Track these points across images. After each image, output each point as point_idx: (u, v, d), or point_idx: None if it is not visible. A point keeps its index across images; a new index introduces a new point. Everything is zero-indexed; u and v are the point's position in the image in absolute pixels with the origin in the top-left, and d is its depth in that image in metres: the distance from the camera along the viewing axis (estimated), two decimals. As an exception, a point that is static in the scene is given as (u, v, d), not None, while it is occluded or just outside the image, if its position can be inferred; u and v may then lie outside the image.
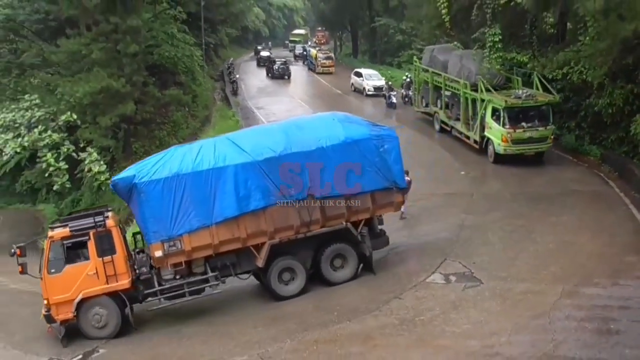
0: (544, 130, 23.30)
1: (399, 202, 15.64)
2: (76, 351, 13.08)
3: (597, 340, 11.22)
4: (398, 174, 15.16)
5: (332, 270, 15.01)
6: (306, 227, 14.49)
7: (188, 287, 14.19)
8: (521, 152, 23.43)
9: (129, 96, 33.39)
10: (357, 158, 14.57)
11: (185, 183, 13.66)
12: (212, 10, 56.87)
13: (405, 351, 11.65)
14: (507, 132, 23.15)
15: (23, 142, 29.60)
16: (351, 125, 15.11)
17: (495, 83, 25.70)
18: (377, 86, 42.17)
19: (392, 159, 15.00)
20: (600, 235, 16.62)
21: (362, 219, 15.06)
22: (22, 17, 36.55)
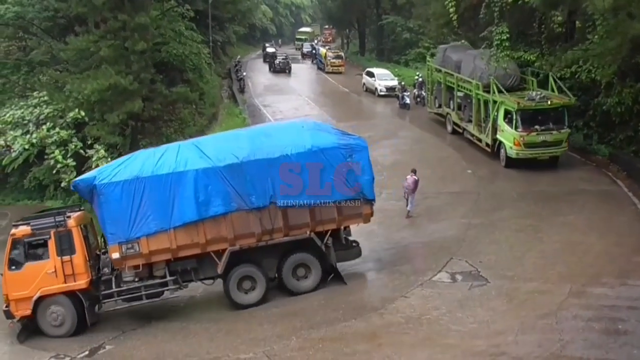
0: (559, 133, 22.39)
1: (367, 214, 15.05)
2: (83, 347, 13.11)
3: (604, 341, 11.13)
4: (366, 185, 14.73)
5: (295, 280, 14.72)
6: (269, 235, 14.30)
7: (145, 290, 14.17)
8: (534, 156, 22.66)
9: (136, 93, 33.41)
10: (325, 167, 14.31)
11: (145, 186, 13.68)
12: (219, 8, 56.79)
13: (411, 350, 11.60)
14: (519, 136, 22.27)
15: (31, 139, 29.71)
16: (319, 134, 14.85)
17: (509, 84, 24.92)
18: (390, 86, 41.03)
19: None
20: (608, 235, 16.50)
21: (329, 230, 14.72)
22: (31, 14, 36.61)
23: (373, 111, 38.82)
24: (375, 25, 64.21)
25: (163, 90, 36.72)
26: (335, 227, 14.78)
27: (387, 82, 41.96)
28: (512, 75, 25.25)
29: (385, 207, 21.21)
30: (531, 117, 22.49)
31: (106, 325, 14.39)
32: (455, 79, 28.39)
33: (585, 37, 24.53)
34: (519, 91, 24.62)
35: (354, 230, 19.21)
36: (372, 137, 30.81)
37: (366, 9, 64.78)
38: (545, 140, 22.34)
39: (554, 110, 22.57)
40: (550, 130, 22.35)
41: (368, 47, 68.33)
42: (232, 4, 57.96)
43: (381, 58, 61.72)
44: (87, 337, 13.66)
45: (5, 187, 40.03)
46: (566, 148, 22.86)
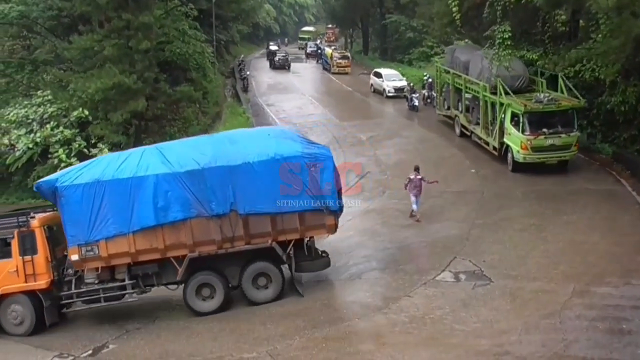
0: (568, 137, 21.70)
1: (330, 225, 14.61)
2: (87, 346, 13.11)
3: (608, 340, 11.09)
4: (329, 195, 14.37)
5: (255, 289, 14.50)
6: (229, 242, 14.15)
7: (104, 293, 14.18)
8: (542, 160, 22.01)
9: (140, 92, 33.48)
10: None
11: (105, 190, 13.69)
12: (223, 7, 56.84)
13: (414, 349, 11.58)
14: (526, 139, 21.63)
15: (35, 138, 29.79)
16: (284, 142, 14.66)
17: (518, 86, 24.35)
18: (398, 87, 40.27)
19: (323, 179, 14.31)
20: (612, 234, 16.45)
21: (292, 240, 14.50)
22: (35, 13, 36.71)
23: (380, 112, 38.36)
24: (378, 25, 64.15)
25: (167, 89, 36.82)
26: (298, 237, 14.52)
27: (395, 82, 41.22)
28: (521, 77, 24.71)
29: (389, 207, 21.26)
30: (539, 120, 21.85)
31: (110, 325, 14.39)
32: (463, 81, 27.85)
33: (588, 36, 24.47)
34: (527, 93, 23.99)
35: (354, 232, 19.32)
36: (375, 137, 30.85)
37: (370, 8, 64.70)
38: (553, 144, 21.73)
39: (563, 113, 21.98)
40: (558, 134, 21.74)
41: (371, 46, 68.29)
42: (236, 3, 57.98)
43: (384, 57, 61.69)
44: (90, 336, 13.67)
45: (9, 186, 40.06)
46: (575, 152, 22.19)
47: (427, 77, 38.09)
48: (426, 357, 11.30)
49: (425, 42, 54.94)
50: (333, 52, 57.10)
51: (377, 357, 11.40)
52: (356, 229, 19.68)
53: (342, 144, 29.73)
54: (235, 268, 14.49)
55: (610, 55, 21.10)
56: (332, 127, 33.81)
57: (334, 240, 18.93)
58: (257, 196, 14.00)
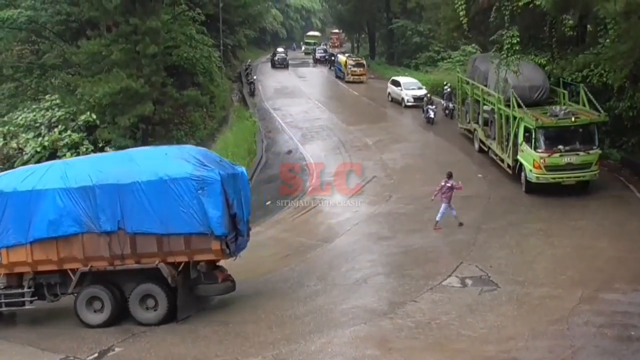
0: (587, 154, 19.82)
1: (216, 250, 14.09)
2: (93, 349, 13.10)
3: (617, 347, 11.00)
4: (215, 219, 13.91)
5: (142, 310, 14.31)
6: (119, 260, 14.17)
7: (5, 299, 14.50)
8: (558, 181, 20.01)
9: (147, 97, 33.63)
10: (172, 197, 13.91)
11: (7, 201, 14.08)
12: (230, 12, 57.09)
13: (420, 355, 11.52)
14: (539, 157, 19.82)
15: (43, 142, 29.90)
16: (176, 162, 14.36)
17: (536, 97, 22.74)
18: (418, 96, 37.83)
19: (210, 203, 13.92)
20: (620, 240, 16.35)
21: (181, 262, 14.32)
22: (44, 18, 36.97)
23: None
24: (385, 29, 64.25)
25: (174, 93, 36.98)
26: (186, 259, 14.38)
27: (414, 91, 39.00)
28: (540, 87, 23.13)
29: (395, 211, 21.21)
30: (554, 136, 20.14)
31: (116, 328, 14.36)
32: (480, 92, 26.20)
33: (596, 40, 24.40)
34: (548, 105, 22.35)
35: (360, 236, 19.29)
36: (382, 140, 30.78)
37: (376, 13, 64.82)
38: (570, 163, 19.88)
39: (582, 128, 20.23)
40: (576, 151, 19.93)
41: (378, 50, 68.40)
42: (243, 8, 58.27)
43: (391, 62, 61.77)
44: (96, 339, 13.63)
45: (17, 189, 40.01)
46: (596, 172, 20.15)
47: (447, 87, 36.03)
48: (432, 363, 11.26)
49: (432, 47, 55.04)
50: (347, 59, 53.61)
51: (383, 362, 11.36)
52: (362, 233, 19.67)
53: (348, 149, 29.81)
54: (133, 285, 14.48)
55: (618, 60, 21.01)
56: (337, 132, 33.84)
57: (340, 245, 19.00)
58: (144, 216, 13.96)
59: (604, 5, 18.57)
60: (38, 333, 14.20)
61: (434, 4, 40.44)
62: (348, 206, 22.51)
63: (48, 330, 14.36)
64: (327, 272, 16.84)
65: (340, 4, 68.57)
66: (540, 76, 23.69)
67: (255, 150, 33.05)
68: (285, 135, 34.97)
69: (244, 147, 32.96)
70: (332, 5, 75.49)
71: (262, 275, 17.62)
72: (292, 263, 18.18)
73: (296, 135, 34.31)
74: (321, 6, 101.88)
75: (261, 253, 18.88)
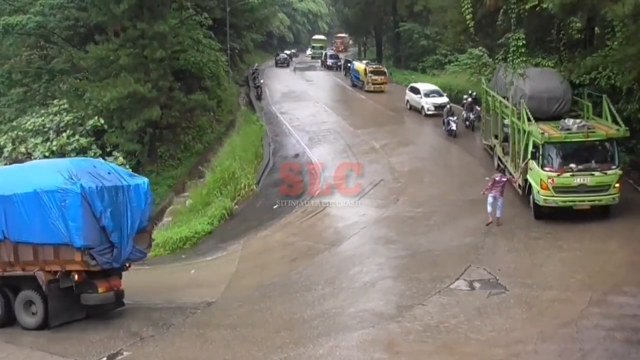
0: (603, 175, 17.52)
1: (79, 261, 14.37)
2: (101, 353, 13.14)
3: (626, 351, 10.93)
4: (74, 231, 14.17)
5: (28, 315, 14.87)
6: (9, 266, 14.91)
7: None
8: (569, 205, 17.78)
9: (155, 101, 33.81)
10: (44, 209, 14.33)
11: None
12: (237, 16, 57.35)
13: (428, 358, 11.48)
14: (547, 176, 17.68)
15: (52, 146, 30.06)
16: (50, 175, 14.68)
17: (556, 110, 20.73)
18: (439, 104, 35.35)
19: (70, 215, 14.21)
20: (630, 243, 16.25)
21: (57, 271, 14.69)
22: (52, 24, 37.23)
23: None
24: (392, 33, 64.35)
25: (181, 97, 37.17)
26: (59, 269, 14.72)
27: (435, 99, 36.54)
28: (560, 99, 20.98)
29: (402, 214, 21.20)
30: (566, 153, 18.11)
31: (124, 332, 14.43)
32: (499, 104, 24.13)
33: (604, 43, 24.24)
34: (570, 118, 19.80)
35: (368, 240, 19.27)
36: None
37: (383, 16, 64.96)
38: (583, 184, 17.58)
39: (599, 145, 18.09)
40: (590, 171, 17.67)
41: (385, 54, 68.44)
42: (250, 12, 58.57)
43: (398, 65, 61.78)
44: (105, 343, 13.68)
45: (26, 193, 40.17)
46: (616, 195, 17.68)
47: (468, 97, 33.44)
48: (441, 366, 11.23)
49: (439, 50, 54.95)
50: (366, 66, 49.16)
51: (391, 366, 11.35)
52: (370, 236, 19.67)
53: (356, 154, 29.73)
54: (18, 291, 15.08)
55: (627, 62, 20.89)
56: (346, 135, 33.84)
57: (347, 248, 19.01)
58: (23, 226, 14.54)
59: (612, 7, 18.47)
60: (47, 337, 14.27)
61: (441, 7, 40.38)
62: (355, 210, 22.51)
63: (57, 334, 14.43)
64: (335, 276, 16.86)
65: (348, 8, 68.74)
66: (561, 86, 21.64)
67: (262, 154, 33.13)
68: (292, 139, 35.03)
69: (251, 150, 33.06)
70: (339, 9, 75.75)
71: (270, 278, 17.67)
72: (299, 266, 18.21)
73: (303, 138, 34.36)
74: (328, 10, 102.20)
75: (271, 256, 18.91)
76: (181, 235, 24.65)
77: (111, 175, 15.30)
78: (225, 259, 21.08)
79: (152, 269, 22.77)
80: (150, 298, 17.75)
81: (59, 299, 14.77)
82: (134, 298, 17.70)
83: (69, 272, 14.61)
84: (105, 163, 17.32)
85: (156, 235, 26.61)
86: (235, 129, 41.07)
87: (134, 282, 21.13)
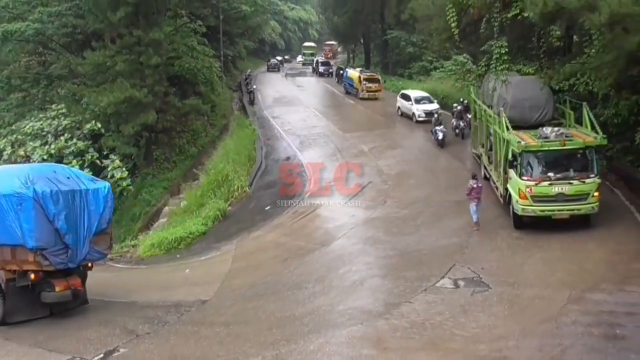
0: (582, 184, 16.92)
1: (31, 262, 14.72)
2: (98, 350, 13.11)
3: (603, 345, 11.03)
4: (27, 233, 14.49)
5: None
6: None
7: None
8: (547, 214, 17.23)
9: (150, 106, 33.73)
10: (3, 212, 14.59)
11: None
12: (230, 24, 57.33)
13: (415, 354, 11.54)
14: (525, 186, 17.14)
15: (50, 150, 29.93)
16: (10, 179, 14.98)
17: (538, 118, 20.14)
18: (429, 111, 34.66)
19: (23, 218, 14.53)
20: (607, 243, 16.38)
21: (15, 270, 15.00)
22: (50, 31, 37.07)
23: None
24: (380, 40, 64.49)
25: (176, 102, 37.12)
26: (17, 268, 14.98)
27: (425, 105, 35.94)
28: (542, 107, 20.39)
29: (390, 215, 21.26)
30: (544, 162, 17.58)
31: (120, 329, 14.39)
32: (484, 113, 23.50)
33: (582, 50, 24.43)
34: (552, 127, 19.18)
35: (357, 240, 19.31)
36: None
37: (371, 24, 65.07)
38: (561, 193, 16.99)
39: (578, 153, 17.48)
40: (568, 179, 17.11)
41: (373, 60, 68.56)
42: (243, 20, 58.56)
43: (386, 71, 61.92)
44: (102, 340, 13.65)
45: (24, 195, 39.88)
46: (595, 204, 17.05)
47: (458, 104, 32.28)
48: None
49: (425, 57, 55.21)
50: (360, 74, 47.48)
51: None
52: (359, 237, 19.71)
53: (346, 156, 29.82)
54: None
55: (603, 69, 21.07)
56: (335, 139, 33.89)
57: (337, 248, 19.05)
58: None
59: (589, 17, 18.62)
60: (45, 335, 14.22)
61: (427, 16, 40.38)
62: (345, 210, 22.56)
63: (55, 331, 14.41)
64: (325, 275, 16.88)
65: (337, 16, 68.74)
66: (543, 94, 21.09)
67: (255, 157, 33.10)
68: (283, 143, 35.03)
69: (244, 154, 33.02)
70: (328, 17, 75.66)
71: (262, 277, 17.67)
72: (291, 266, 18.22)
73: (294, 142, 34.37)
74: (318, 18, 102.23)
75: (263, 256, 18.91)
76: (176, 236, 24.58)
77: (70, 180, 15.64)
78: (218, 259, 21.05)
79: (148, 268, 22.76)
80: (146, 296, 17.71)
81: (17, 297, 15.05)
82: (130, 296, 17.69)
83: (26, 272, 14.92)
84: (67, 168, 17.57)
85: (152, 235, 26.64)
86: (228, 133, 40.99)
87: (131, 280, 21.17)
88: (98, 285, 18.27)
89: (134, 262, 24.31)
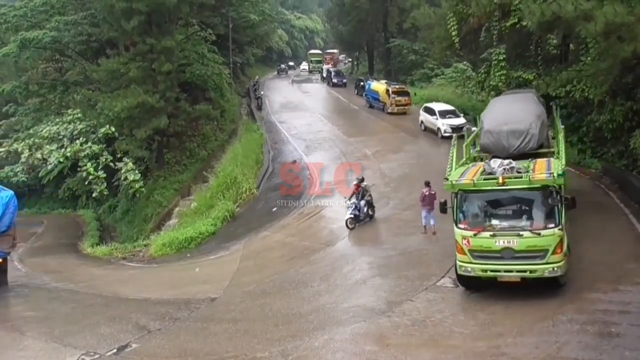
0: (536, 237, 12.23)
1: None
2: (111, 345, 13.14)
3: (598, 343, 10.99)
4: None
5: None
6: None
7: None
8: (489, 276, 12.84)
9: (162, 111, 33.84)
10: None
11: None
12: (239, 32, 57.55)
13: (416, 350, 11.53)
14: (461, 236, 12.84)
15: (66, 153, 30.17)
16: None
17: (520, 146, 15.42)
18: (456, 126, 31.12)
19: None
20: (601, 243, 16.32)
21: None
22: (67, 39, 37.31)
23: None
24: (383, 48, 64.54)
25: (187, 107, 37.23)
26: None
27: (451, 120, 32.50)
28: (523, 133, 15.44)
29: (392, 216, 21.24)
30: (488, 205, 12.94)
31: (132, 326, 14.43)
32: None
33: (578, 58, 24.44)
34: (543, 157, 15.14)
35: (360, 240, 19.24)
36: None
37: (375, 33, 65.15)
38: (509, 248, 12.41)
39: (537, 195, 12.52)
40: (517, 230, 12.40)
41: (376, 68, 68.61)
42: (251, 29, 58.73)
43: (389, 78, 61.87)
44: (114, 336, 13.69)
45: (41, 197, 40.30)
46: (558, 264, 12.36)
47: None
48: (427, 358, 11.24)
49: (427, 64, 55.23)
50: (387, 86, 41.83)
51: (381, 358, 11.34)
52: (362, 237, 19.69)
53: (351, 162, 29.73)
54: None
55: (599, 76, 21.05)
56: (339, 143, 33.81)
57: (341, 248, 19.05)
58: None
59: (585, 26, 18.60)
60: (61, 330, 14.28)
61: (428, 25, 40.47)
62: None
63: (70, 327, 14.46)
64: (330, 274, 16.88)
65: (342, 25, 68.85)
66: (528, 117, 16.03)
67: (262, 160, 33.13)
68: (290, 146, 35.04)
69: (252, 157, 33.07)
70: (333, 26, 75.74)
71: (269, 276, 17.68)
72: (297, 265, 18.23)
73: (300, 146, 34.39)
74: (324, 27, 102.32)
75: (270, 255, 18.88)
76: (186, 236, 24.64)
77: None
78: (227, 258, 21.09)
79: (160, 266, 22.82)
80: (158, 294, 17.74)
81: None
82: (142, 294, 17.73)
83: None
84: None
85: (163, 235, 26.71)
86: (237, 137, 41.07)
87: (143, 279, 21.22)
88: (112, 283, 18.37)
89: (146, 261, 24.39)
